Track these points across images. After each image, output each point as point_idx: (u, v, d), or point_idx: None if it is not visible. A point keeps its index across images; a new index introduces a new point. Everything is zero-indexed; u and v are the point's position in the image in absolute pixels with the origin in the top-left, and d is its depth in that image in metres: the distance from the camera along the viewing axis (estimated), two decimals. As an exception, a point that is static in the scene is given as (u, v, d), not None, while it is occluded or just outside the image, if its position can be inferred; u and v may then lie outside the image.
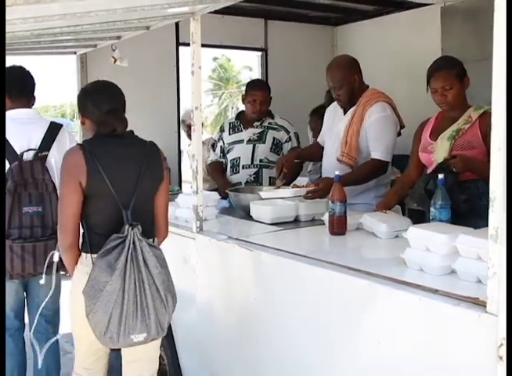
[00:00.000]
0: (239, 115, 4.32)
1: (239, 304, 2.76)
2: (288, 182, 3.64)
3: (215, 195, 3.43)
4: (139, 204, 2.43)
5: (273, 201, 3.27)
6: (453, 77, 2.84)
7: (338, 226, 2.75)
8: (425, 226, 2.21)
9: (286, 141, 4.16)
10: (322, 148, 3.76)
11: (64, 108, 44.08)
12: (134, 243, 2.29)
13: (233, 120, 4.32)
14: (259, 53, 5.59)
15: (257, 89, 4.15)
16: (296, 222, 3.12)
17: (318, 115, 4.37)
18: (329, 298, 2.23)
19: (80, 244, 2.46)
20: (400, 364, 1.94)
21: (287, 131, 4.15)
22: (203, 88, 4.77)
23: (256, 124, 4.16)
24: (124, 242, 2.29)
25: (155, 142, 2.60)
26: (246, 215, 3.27)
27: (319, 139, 3.91)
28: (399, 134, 3.51)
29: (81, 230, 2.45)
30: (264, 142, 4.12)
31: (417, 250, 2.10)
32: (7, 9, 1.88)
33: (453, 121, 2.89)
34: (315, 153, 3.83)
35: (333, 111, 3.72)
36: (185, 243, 3.06)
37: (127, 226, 2.32)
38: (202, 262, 2.96)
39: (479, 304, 1.72)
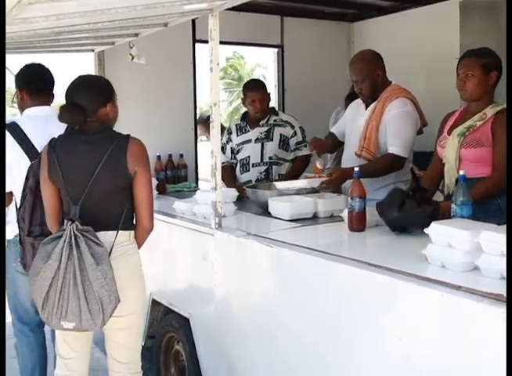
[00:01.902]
0: (245, 116, 4.38)
1: (258, 300, 2.76)
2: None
3: (233, 191, 3.44)
4: (93, 200, 2.51)
5: (291, 198, 3.28)
6: (478, 67, 2.82)
7: (357, 223, 2.74)
8: (447, 222, 2.20)
9: (291, 136, 4.23)
10: (336, 139, 3.82)
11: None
12: (71, 237, 2.39)
13: (239, 121, 4.40)
14: (275, 50, 5.58)
15: (254, 90, 4.22)
16: (314, 218, 3.11)
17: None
18: (350, 295, 2.22)
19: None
20: (421, 362, 1.93)
21: (292, 126, 4.22)
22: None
23: (262, 122, 4.23)
24: (62, 235, 2.42)
25: (137, 139, 2.60)
26: (265, 212, 3.27)
27: (332, 130, 3.94)
28: (421, 132, 3.50)
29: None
30: (271, 140, 4.19)
31: (439, 246, 2.09)
32: (29, 6, 1.89)
33: (472, 116, 2.88)
34: (332, 145, 3.88)
35: (356, 107, 3.74)
36: (203, 239, 3.07)
37: (66, 221, 2.45)
38: (220, 259, 2.97)
39: (502, 300, 1.70)
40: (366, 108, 3.58)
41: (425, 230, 2.17)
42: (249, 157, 4.24)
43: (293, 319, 2.52)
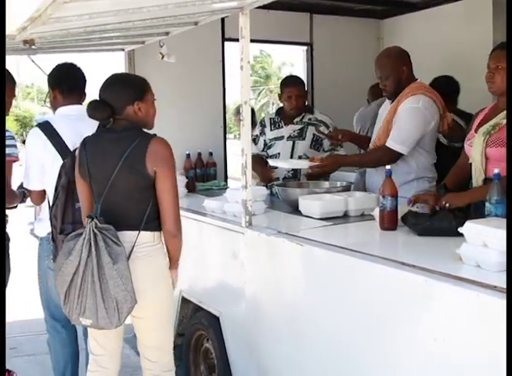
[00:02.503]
0: (279, 111, 4.34)
1: (288, 298, 2.76)
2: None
3: (264, 190, 3.44)
4: (113, 199, 2.53)
5: (322, 196, 3.27)
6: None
7: (389, 221, 2.71)
8: (482, 222, 2.16)
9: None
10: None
11: (108, 105, 44.75)
12: (90, 235, 2.41)
13: (274, 115, 4.35)
14: (304, 48, 5.56)
15: (291, 85, 4.17)
16: (345, 216, 3.09)
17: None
18: (382, 294, 2.20)
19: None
20: (456, 362, 1.90)
21: (327, 126, 4.14)
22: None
23: (296, 120, 4.18)
24: (83, 233, 2.45)
25: (160, 139, 2.57)
26: (295, 210, 3.26)
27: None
28: (447, 130, 3.48)
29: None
30: (304, 139, 4.14)
31: (474, 245, 2.06)
32: (64, 5, 1.91)
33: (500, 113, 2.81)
34: (364, 142, 3.89)
35: (385, 105, 3.73)
36: (233, 237, 3.07)
37: (86, 218, 2.48)
38: (251, 257, 2.96)
39: (539, 300, 1.67)
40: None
41: (459, 229, 2.14)
42: (279, 153, 4.20)
43: (324, 319, 2.51)
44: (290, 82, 4.23)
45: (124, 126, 2.55)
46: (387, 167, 2.81)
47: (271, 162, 3.74)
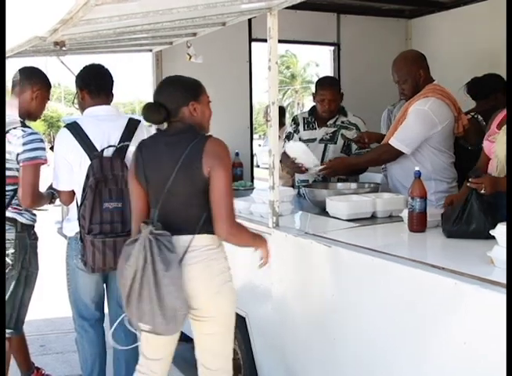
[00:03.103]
0: (312, 111, 4.28)
1: (315, 300, 2.75)
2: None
3: (291, 190, 3.43)
4: (171, 204, 2.46)
5: (349, 197, 3.25)
6: None
7: (418, 223, 2.69)
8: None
9: None
10: None
11: (133, 105, 45.17)
12: (145, 241, 2.36)
13: (307, 115, 4.30)
14: (331, 48, 5.54)
15: (325, 88, 4.13)
16: (373, 218, 3.07)
17: None
18: (411, 297, 2.18)
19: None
20: (487, 366, 1.88)
21: (358, 130, 4.10)
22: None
23: (330, 123, 4.15)
24: (139, 238, 2.40)
25: (216, 139, 2.50)
26: (322, 211, 3.25)
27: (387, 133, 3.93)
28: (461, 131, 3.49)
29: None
30: (335, 143, 4.10)
31: (506, 248, 2.03)
32: (95, 7, 1.93)
33: None
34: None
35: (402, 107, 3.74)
36: (260, 238, 3.06)
37: (142, 224, 2.43)
38: (278, 258, 2.95)
39: None
40: None
41: (491, 232, 2.11)
42: None
43: (352, 321, 2.49)
44: (324, 84, 4.18)
45: (179, 129, 2.48)
46: (416, 168, 2.79)
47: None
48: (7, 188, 3.14)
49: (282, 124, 4.84)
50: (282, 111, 4.92)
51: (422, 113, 3.39)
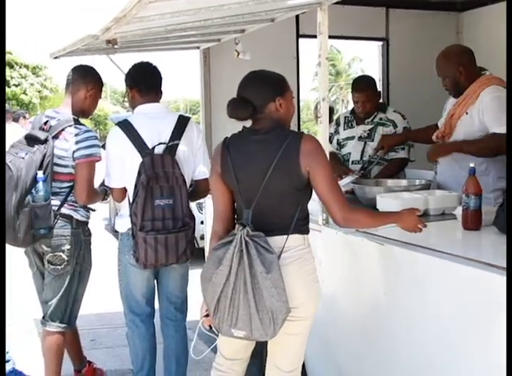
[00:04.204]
0: (353, 109, 4.31)
1: (366, 298, 2.72)
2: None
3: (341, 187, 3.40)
4: (265, 204, 2.39)
5: (400, 194, 3.20)
6: None
7: (473, 221, 2.64)
8: None
9: None
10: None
11: (178, 103, 45.59)
12: (241, 243, 2.28)
13: (348, 114, 4.34)
14: (379, 43, 5.46)
15: (358, 90, 4.15)
16: (425, 215, 3.01)
17: None
18: (466, 296, 2.13)
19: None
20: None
21: (395, 126, 4.10)
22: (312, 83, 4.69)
23: (367, 120, 4.16)
24: (232, 240, 2.31)
25: (310, 136, 2.44)
26: (372, 208, 3.20)
27: (438, 123, 3.85)
28: None
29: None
30: (372, 141, 4.11)
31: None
32: (149, 5, 1.94)
33: None
34: (423, 135, 3.83)
35: (453, 101, 3.66)
36: (310, 235, 3.02)
37: (237, 225, 2.34)
38: (328, 255, 2.94)
39: None
40: None
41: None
42: (349, 153, 4.21)
43: (404, 320, 2.46)
44: (358, 87, 4.20)
45: (268, 126, 2.41)
46: (471, 164, 2.72)
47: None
48: (63, 185, 3.20)
49: (330, 121, 4.82)
50: (330, 110, 4.90)
51: (501, 98, 3.21)
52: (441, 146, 3.57)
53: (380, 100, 4.38)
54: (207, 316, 2.49)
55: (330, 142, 4.28)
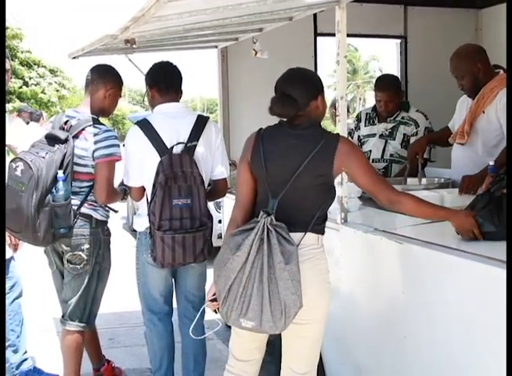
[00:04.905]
0: (375, 106, 4.30)
1: (385, 297, 2.70)
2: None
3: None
4: (290, 197, 2.39)
5: (419, 193, 3.17)
6: None
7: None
8: None
9: (412, 135, 4.12)
10: (450, 133, 3.74)
11: (195, 102, 45.71)
12: (263, 231, 2.27)
13: (370, 111, 4.32)
14: (398, 41, 5.44)
15: (380, 90, 4.16)
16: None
17: None
18: (486, 295, 2.11)
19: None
20: None
21: (417, 126, 4.10)
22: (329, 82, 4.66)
23: (390, 119, 4.16)
24: (254, 228, 2.29)
25: (346, 138, 2.49)
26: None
27: (449, 125, 3.83)
28: None
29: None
30: (394, 139, 4.12)
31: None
32: (167, 4, 1.94)
33: None
34: (443, 137, 3.80)
35: (463, 101, 3.63)
36: (328, 234, 2.99)
37: (261, 213, 2.32)
38: (346, 254, 2.92)
39: None
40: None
41: None
42: (370, 151, 4.19)
43: (423, 319, 2.44)
44: (380, 87, 4.20)
45: (306, 123, 2.43)
46: (491, 163, 2.70)
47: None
48: (83, 184, 3.21)
49: None
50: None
51: None
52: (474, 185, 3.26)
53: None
54: (213, 300, 2.48)
55: (352, 137, 4.27)
